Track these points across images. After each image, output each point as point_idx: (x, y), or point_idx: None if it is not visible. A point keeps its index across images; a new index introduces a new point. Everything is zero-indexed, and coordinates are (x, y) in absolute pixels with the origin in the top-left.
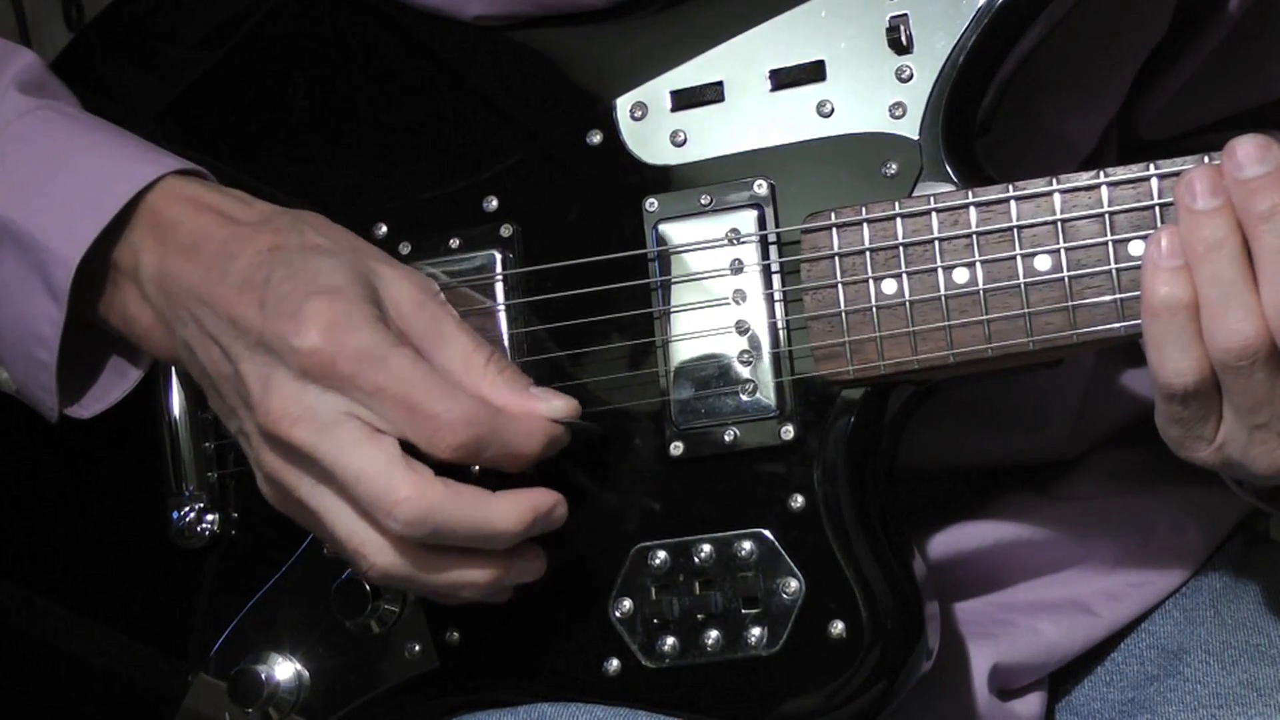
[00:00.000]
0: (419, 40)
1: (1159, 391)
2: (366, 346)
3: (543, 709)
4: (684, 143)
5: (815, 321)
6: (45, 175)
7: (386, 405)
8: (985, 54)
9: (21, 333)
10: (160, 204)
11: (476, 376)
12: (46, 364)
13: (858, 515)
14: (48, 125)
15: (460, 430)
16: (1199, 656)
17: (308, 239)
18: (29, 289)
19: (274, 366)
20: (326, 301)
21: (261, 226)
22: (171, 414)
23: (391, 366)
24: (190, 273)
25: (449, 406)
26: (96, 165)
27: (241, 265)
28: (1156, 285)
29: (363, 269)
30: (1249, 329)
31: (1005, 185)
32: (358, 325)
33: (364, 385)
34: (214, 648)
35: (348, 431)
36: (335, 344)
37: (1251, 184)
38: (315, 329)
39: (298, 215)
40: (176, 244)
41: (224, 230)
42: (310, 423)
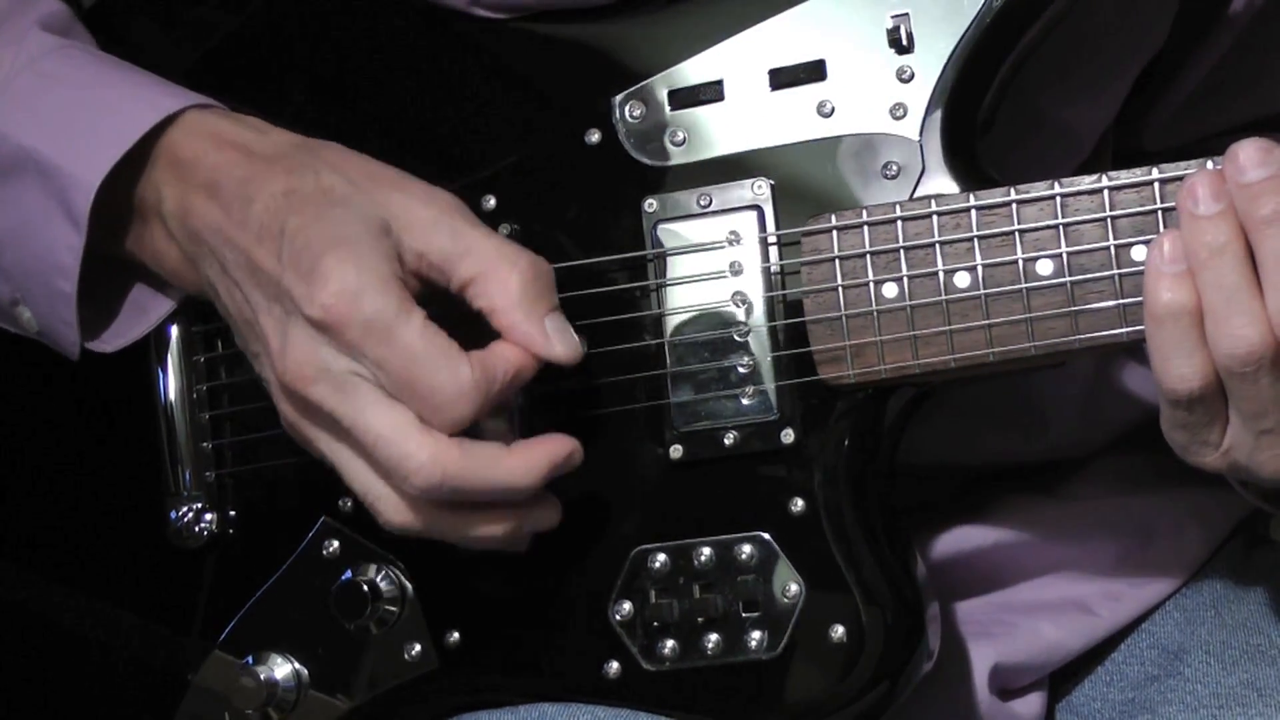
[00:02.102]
0: (416, 36)
1: (1164, 397)
2: (374, 315)
3: (543, 708)
4: (683, 142)
5: (816, 325)
6: (69, 107)
7: (390, 376)
8: (987, 54)
9: (43, 263)
10: (180, 140)
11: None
12: (67, 294)
13: (858, 518)
14: (73, 62)
15: (460, 405)
16: (1199, 657)
17: (322, 180)
18: (51, 217)
19: (289, 320)
20: (338, 260)
21: (277, 163)
22: (169, 414)
23: (396, 338)
24: (211, 211)
25: (447, 381)
26: (120, 97)
27: (258, 210)
28: (1159, 291)
29: (377, 210)
30: (1253, 334)
31: (1007, 188)
32: (368, 289)
33: (369, 354)
34: (213, 649)
35: (364, 392)
36: (345, 309)
37: (1254, 188)
38: (327, 290)
39: (313, 149)
40: (197, 182)
41: (241, 168)
42: (327, 382)
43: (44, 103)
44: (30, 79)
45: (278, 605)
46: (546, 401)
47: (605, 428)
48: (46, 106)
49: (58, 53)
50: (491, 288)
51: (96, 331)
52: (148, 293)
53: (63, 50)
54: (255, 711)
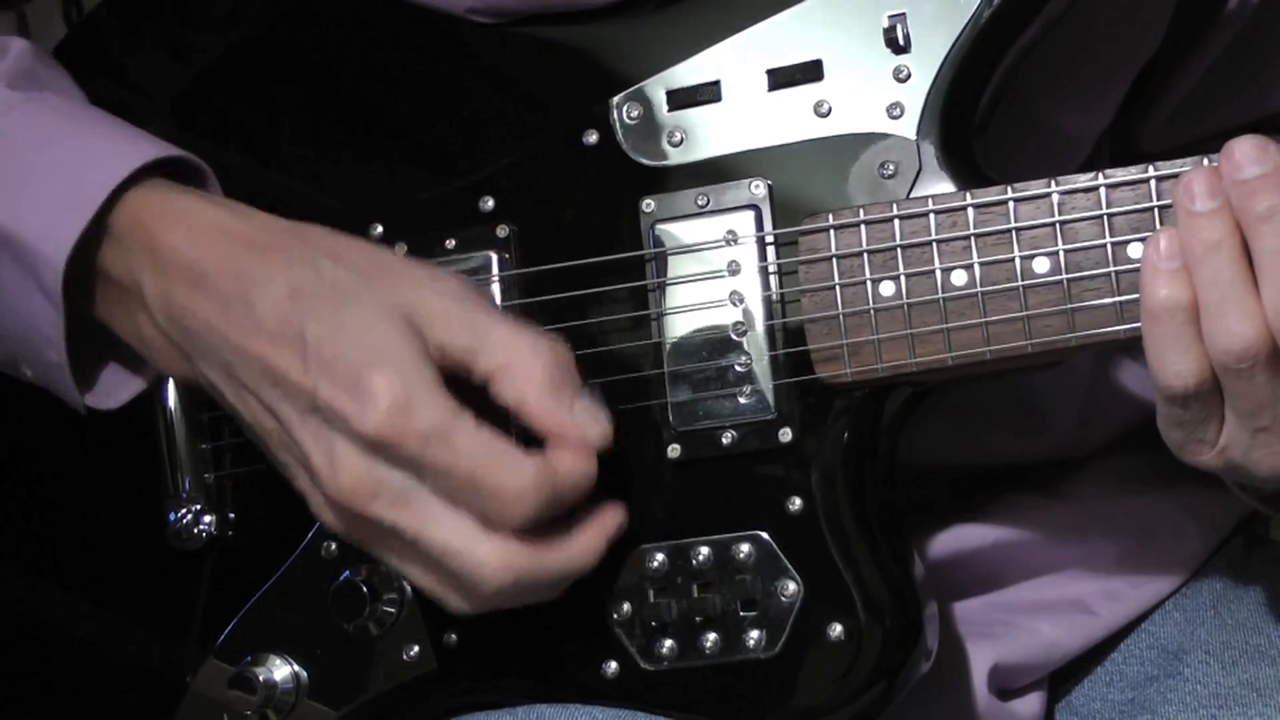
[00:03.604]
0: (413, 38)
1: (1160, 394)
2: (430, 426)
3: (541, 709)
4: (681, 143)
5: (813, 324)
6: (27, 174)
7: (454, 483)
8: (983, 54)
9: (30, 335)
10: (149, 220)
11: (515, 388)
12: (58, 365)
13: (856, 517)
14: (30, 121)
15: (525, 503)
16: (1199, 657)
17: (325, 274)
18: (28, 292)
19: (335, 439)
20: (384, 376)
21: (268, 254)
22: (168, 415)
23: (455, 445)
24: (202, 310)
25: (510, 481)
26: (76, 158)
27: (265, 314)
28: (1156, 288)
29: (396, 308)
30: (1249, 331)
31: (1004, 186)
32: (421, 403)
33: (430, 465)
34: (211, 649)
35: (426, 503)
36: (401, 423)
37: (1250, 185)
38: (378, 410)
39: (303, 236)
40: (178, 274)
41: (229, 260)
42: (386, 497)
43: (8, 175)
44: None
45: (276, 606)
46: None
47: None
48: (6, 173)
49: (17, 111)
50: (519, 381)
51: (97, 388)
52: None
53: (22, 109)
54: (254, 713)
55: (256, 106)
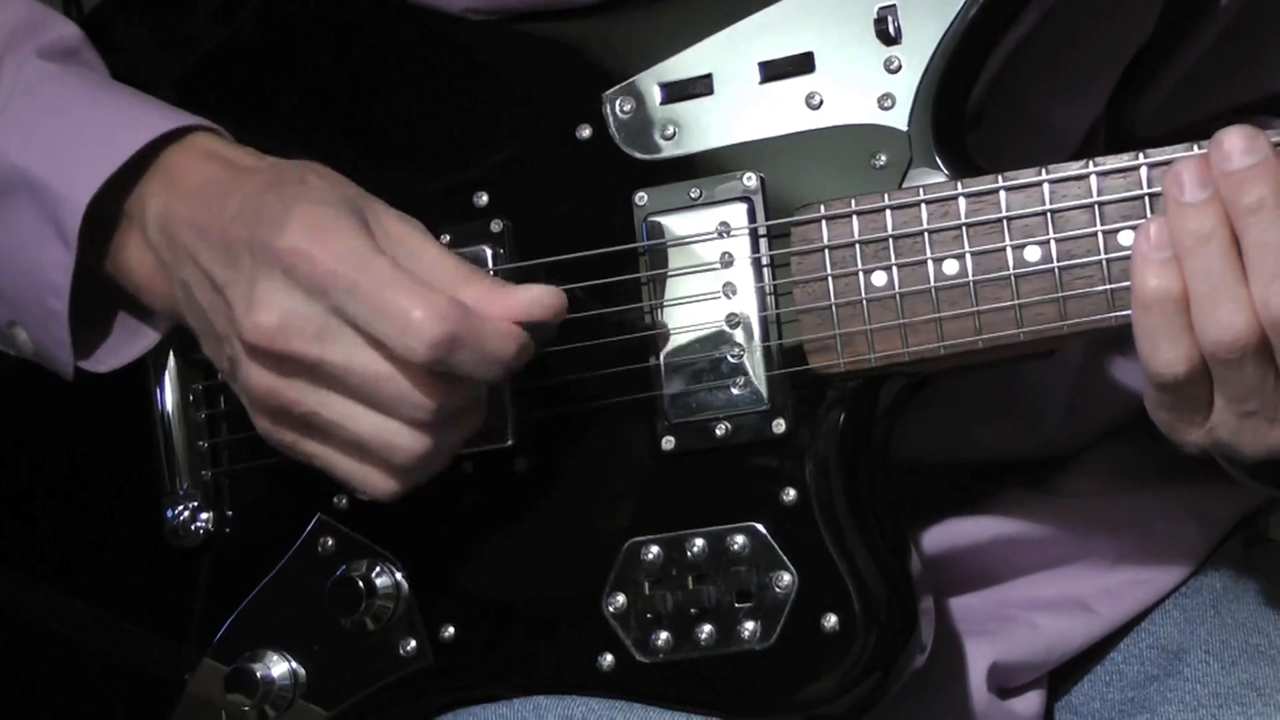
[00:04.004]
0: (407, 34)
1: (1150, 380)
2: (347, 248)
3: (538, 700)
4: (673, 136)
5: (806, 314)
6: (63, 128)
7: (362, 304)
8: (974, 44)
9: (36, 282)
10: (174, 157)
11: (456, 283)
12: (58, 313)
13: (850, 508)
14: (69, 88)
15: (433, 325)
16: (1199, 656)
17: (306, 176)
18: (43, 237)
19: (258, 276)
20: (310, 206)
21: (262, 170)
22: (165, 413)
23: (369, 267)
24: (190, 212)
25: (422, 303)
26: (113, 117)
27: (237, 199)
28: (1146, 277)
29: (353, 199)
30: (1239, 321)
31: (995, 176)
32: (340, 228)
33: (342, 283)
34: (210, 646)
35: (349, 335)
36: (316, 242)
37: (1239, 175)
38: (297, 228)
39: (300, 165)
40: (182, 190)
41: (227, 175)
42: (305, 331)
43: (38, 126)
44: (26, 104)
45: (274, 602)
46: (537, 394)
47: (597, 420)
48: (40, 129)
49: (55, 79)
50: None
51: (90, 351)
52: (141, 313)
53: (60, 77)
54: (251, 708)
55: (252, 103)
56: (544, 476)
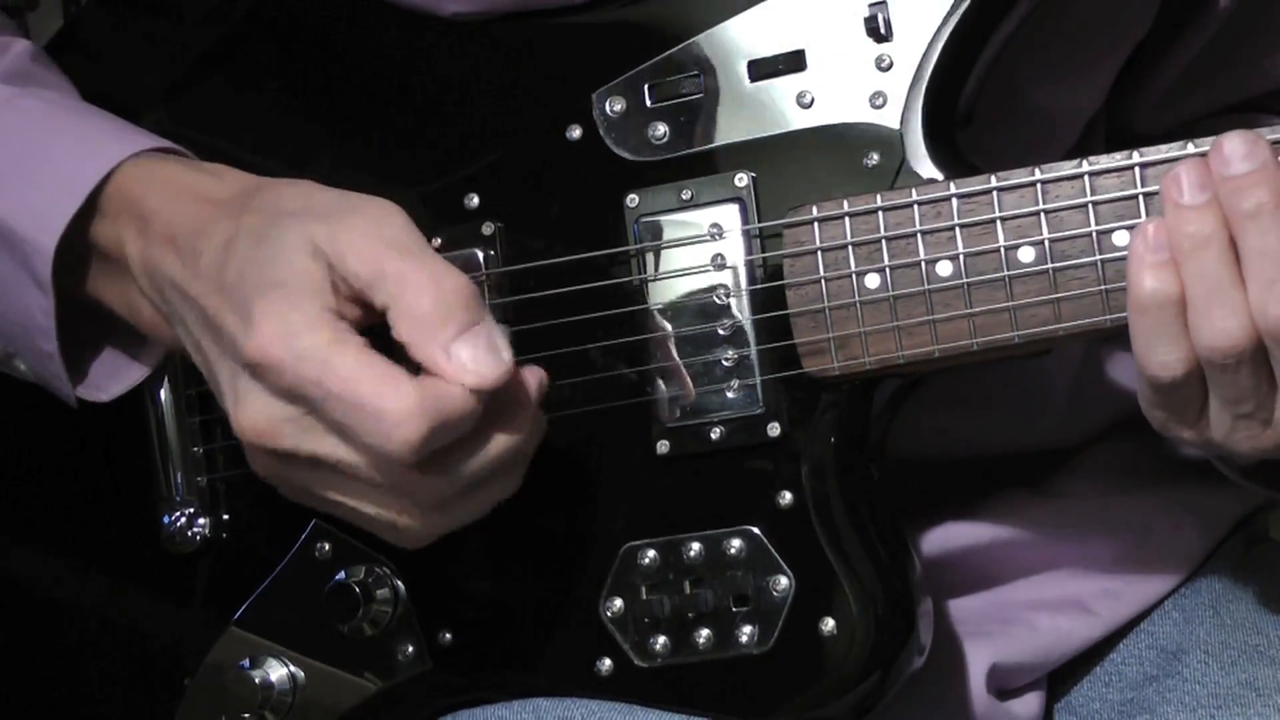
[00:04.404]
0: (396, 37)
1: (1144, 380)
2: (305, 350)
3: (538, 702)
4: (664, 137)
5: (799, 317)
6: (19, 166)
7: (336, 408)
8: (966, 41)
9: (23, 326)
10: (136, 190)
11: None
12: (50, 354)
13: (846, 511)
14: (23, 115)
15: (414, 426)
16: (1198, 657)
17: (258, 214)
18: (20, 282)
19: (237, 375)
20: (269, 302)
21: (224, 208)
22: (160, 419)
23: (332, 369)
24: (171, 265)
25: (390, 404)
26: (67, 150)
27: (205, 263)
28: (1142, 279)
29: (309, 240)
30: (1235, 327)
31: (987, 175)
32: (299, 326)
33: (311, 390)
34: (208, 652)
35: (320, 435)
36: (278, 350)
37: (1238, 180)
38: (259, 334)
39: (259, 189)
40: (156, 234)
41: (194, 218)
42: (290, 430)
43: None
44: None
45: (271, 608)
46: None
47: (591, 424)
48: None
49: (10, 105)
50: (398, 319)
51: (89, 381)
52: (134, 337)
53: (15, 102)
54: (251, 714)
55: (241, 106)
56: (539, 481)
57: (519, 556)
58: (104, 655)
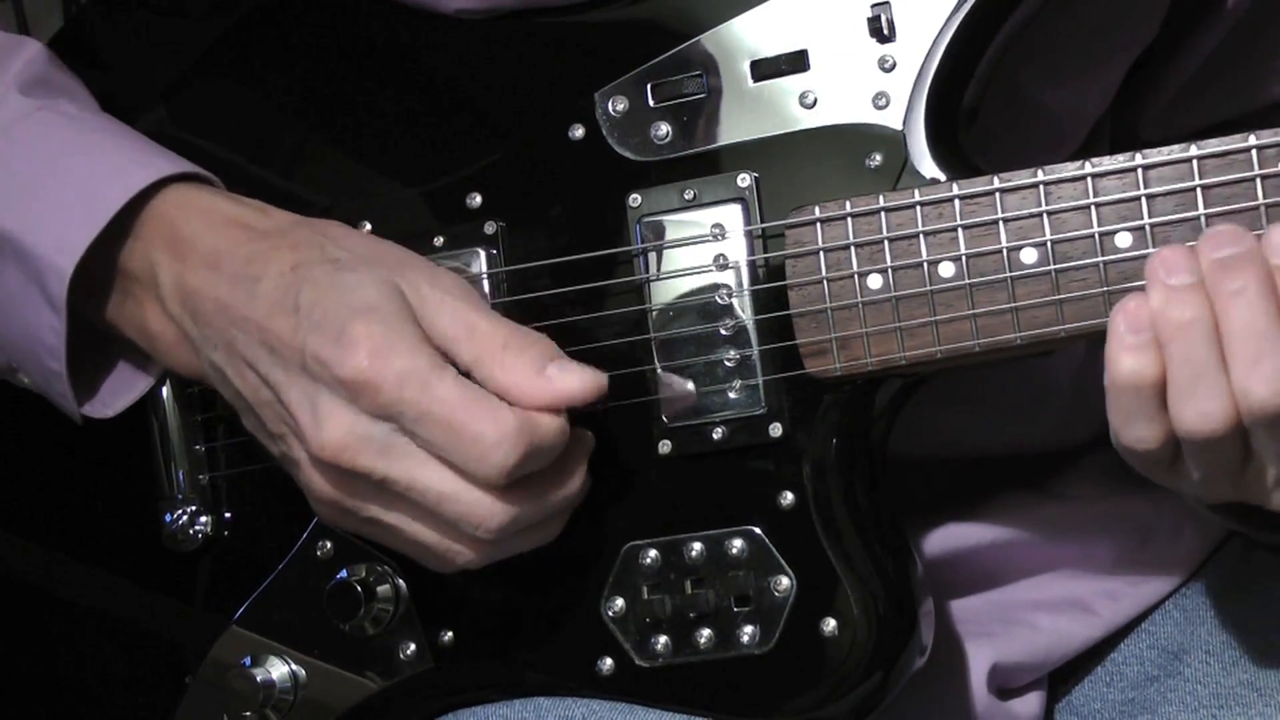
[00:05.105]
0: (399, 35)
1: (1117, 443)
2: (408, 369)
3: (539, 701)
4: (666, 136)
5: (801, 318)
6: (40, 183)
7: (433, 430)
8: (969, 42)
9: (31, 343)
10: (172, 214)
11: (493, 368)
12: (58, 373)
13: (848, 511)
14: (45, 129)
15: (508, 452)
16: (1199, 657)
17: (328, 253)
18: (31, 300)
19: (319, 393)
20: (366, 324)
21: (281, 239)
22: (163, 417)
23: (433, 390)
24: (215, 288)
25: (489, 428)
26: (91, 170)
27: (267, 287)
28: (1121, 359)
29: (390, 282)
30: (1216, 411)
31: (990, 177)
32: (400, 349)
33: (409, 410)
34: (209, 650)
35: (411, 451)
36: (379, 369)
37: (1224, 261)
38: (358, 353)
39: (315, 226)
40: (196, 260)
41: (244, 245)
42: (372, 449)
43: (16, 179)
44: (3, 147)
45: (273, 606)
46: None
47: (593, 424)
48: (18, 183)
49: (31, 118)
50: (495, 371)
51: (98, 394)
52: (142, 356)
53: (36, 115)
54: (253, 713)
55: (245, 105)
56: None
57: (521, 556)
58: (105, 653)
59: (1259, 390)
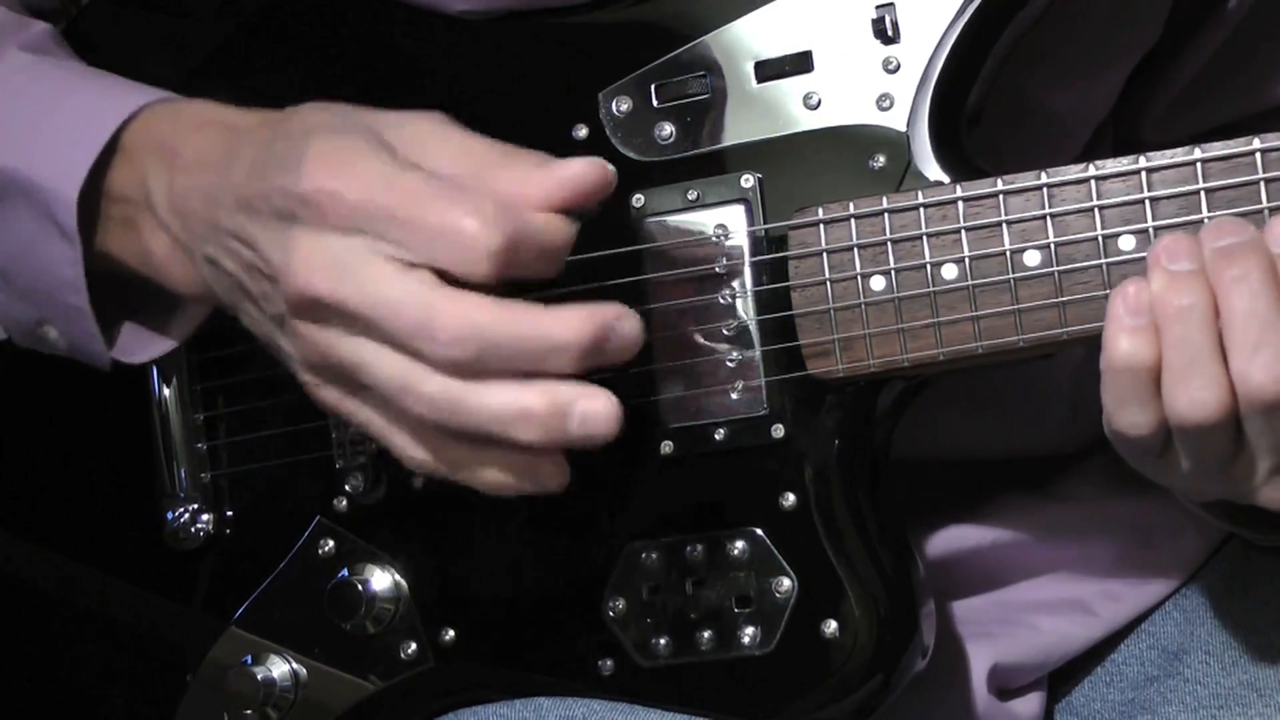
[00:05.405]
0: (402, 35)
1: (1109, 429)
2: (372, 173)
3: (539, 701)
4: (670, 137)
5: (804, 319)
6: (39, 120)
7: (406, 230)
8: (973, 43)
9: (51, 282)
10: (162, 127)
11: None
12: (80, 308)
13: (850, 513)
14: (41, 75)
15: (490, 235)
16: (1199, 657)
17: (307, 117)
18: (46, 234)
19: (288, 226)
20: (322, 140)
21: (264, 122)
22: (165, 415)
23: (402, 188)
24: (196, 182)
25: (471, 213)
26: (86, 102)
27: (245, 157)
28: (1118, 340)
29: (362, 118)
30: (1211, 398)
31: (993, 179)
32: (359, 154)
33: (378, 213)
34: (210, 649)
35: (375, 269)
36: (338, 176)
37: (1227, 249)
38: (315, 167)
39: (295, 109)
40: (183, 163)
41: (227, 137)
42: (333, 270)
43: (15, 120)
44: (2, 97)
45: (274, 605)
46: None
47: None
48: (17, 123)
49: (28, 69)
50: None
51: (119, 346)
52: (168, 301)
53: (32, 64)
54: (253, 711)
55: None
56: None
57: (522, 555)
58: (106, 651)
59: (1257, 376)
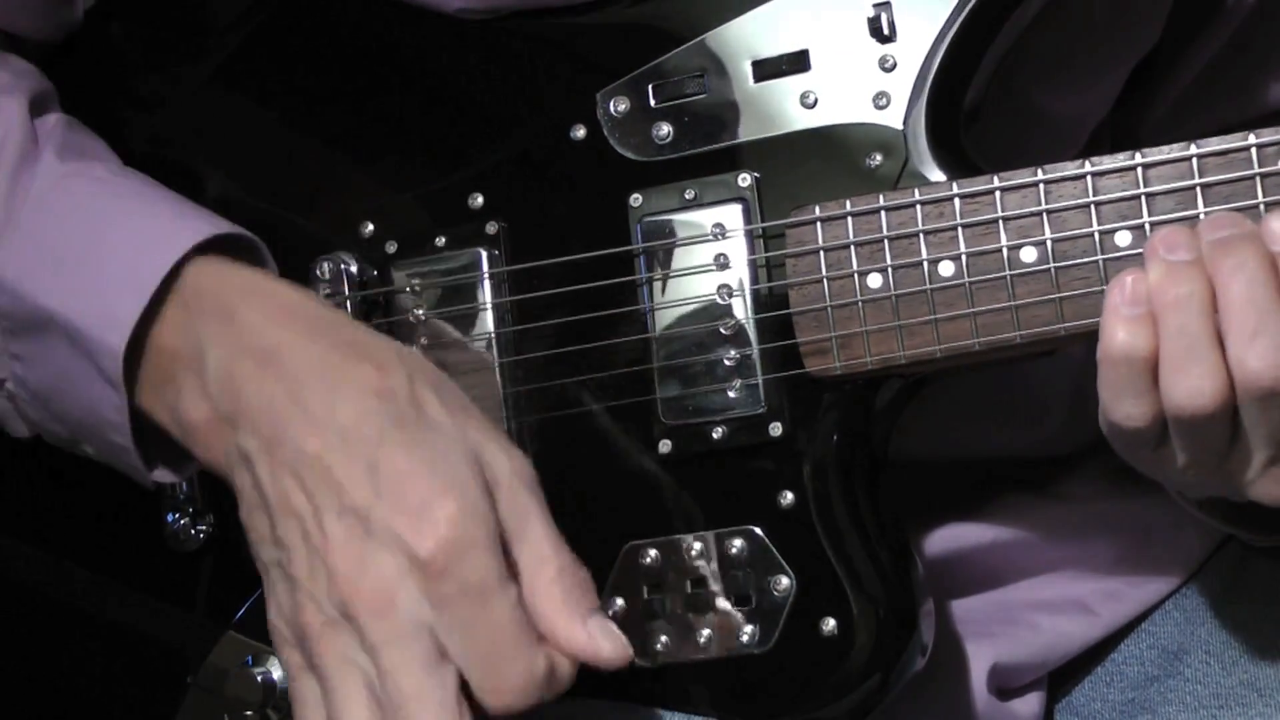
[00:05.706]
0: (400, 35)
1: (1104, 421)
2: (478, 576)
3: None
4: (668, 136)
5: (801, 317)
6: (79, 256)
7: (468, 642)
8: (969, 42)
9: (93, 418)
10: (226, 293)
11: (539, 588)
12: (124, 448)
13: (848, 511)
14: (75, 197)
15: (521, 696)
16: (1199, 657)
17: (417, 391)
18: (89, 376)
19: (375, 549)
20: (452, 506)
21: (359, 351)
22: None
23: (491, 608)
24: (271, 388)
25: (521, 671)
26: (129, 238)
27: (348, 412)
28: (1115, 331)
29: (473, 447)
30: (1207, 387)
31: (990, 176)
32: (478, 546)
33: (459, 613)
34: (210, 651)
35: (419, 648)
36: (451, 561)
37: (1225, 239)
38: (437, 538)
39: (396, 347)
40: (252, 349)
41: (311, 344)
42: (390, 621)
43: (54, 250)
44: (34, 217)
45: None
46: (533, 397)
47: (593, 423)
48: (57, 254)
49: (60, 187)
50: (542, 594)
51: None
52: None
53: (64, 182)
54: (254, 713)
55: (246, 106)
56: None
57: None
58: (106, 654)
59: (1254, 363)
